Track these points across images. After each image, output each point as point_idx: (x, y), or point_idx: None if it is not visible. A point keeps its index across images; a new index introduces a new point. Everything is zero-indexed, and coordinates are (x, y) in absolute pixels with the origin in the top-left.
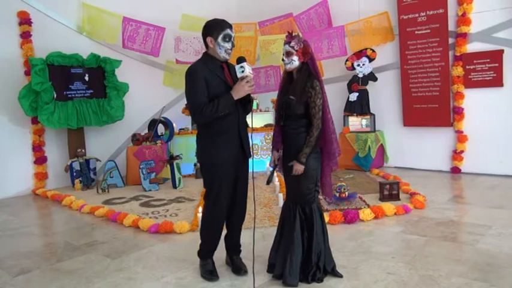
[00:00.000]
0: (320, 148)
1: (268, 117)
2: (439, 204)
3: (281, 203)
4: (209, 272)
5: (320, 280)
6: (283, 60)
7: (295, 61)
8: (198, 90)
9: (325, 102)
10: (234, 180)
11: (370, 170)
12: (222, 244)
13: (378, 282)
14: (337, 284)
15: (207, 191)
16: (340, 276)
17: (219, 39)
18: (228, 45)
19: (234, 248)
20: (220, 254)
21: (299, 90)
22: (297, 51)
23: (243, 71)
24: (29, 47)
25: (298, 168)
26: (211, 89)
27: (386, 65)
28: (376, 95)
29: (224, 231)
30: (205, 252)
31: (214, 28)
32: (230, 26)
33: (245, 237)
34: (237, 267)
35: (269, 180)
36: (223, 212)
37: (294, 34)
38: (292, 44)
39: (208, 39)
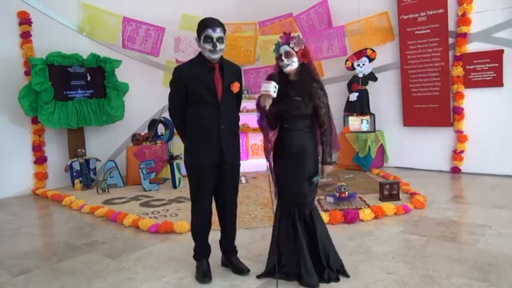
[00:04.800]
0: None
1: None
2: (439, 204)
3: None
4: (202, 274)
5: (337, 279)
6: (281, 60)
7: (295, 63)
8: (174, 93)
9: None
10: (218, 182)
11: (370, 170)
12: (217, 244)
13: (377, 282)
14: (337, 283)
15: (190, 191)
16: (347, 276)
17: (201, 40)
18: (208, 46)
19: (229, 251)
20: (217, 254)
21: (307, 92)
22: (296, 52)
23: (274, 91)
24: (29, 47)
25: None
26: (191, 91)
27: (386, 65)
28: (376, 95)
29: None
30: (198, 253)
31: (199, 29)
32: (213, 26)
33: (244, 237)
34: (239, 268)
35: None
36: (205, 212)
37: (292, 35)
38: (292, 45)
39: (196, 39)
